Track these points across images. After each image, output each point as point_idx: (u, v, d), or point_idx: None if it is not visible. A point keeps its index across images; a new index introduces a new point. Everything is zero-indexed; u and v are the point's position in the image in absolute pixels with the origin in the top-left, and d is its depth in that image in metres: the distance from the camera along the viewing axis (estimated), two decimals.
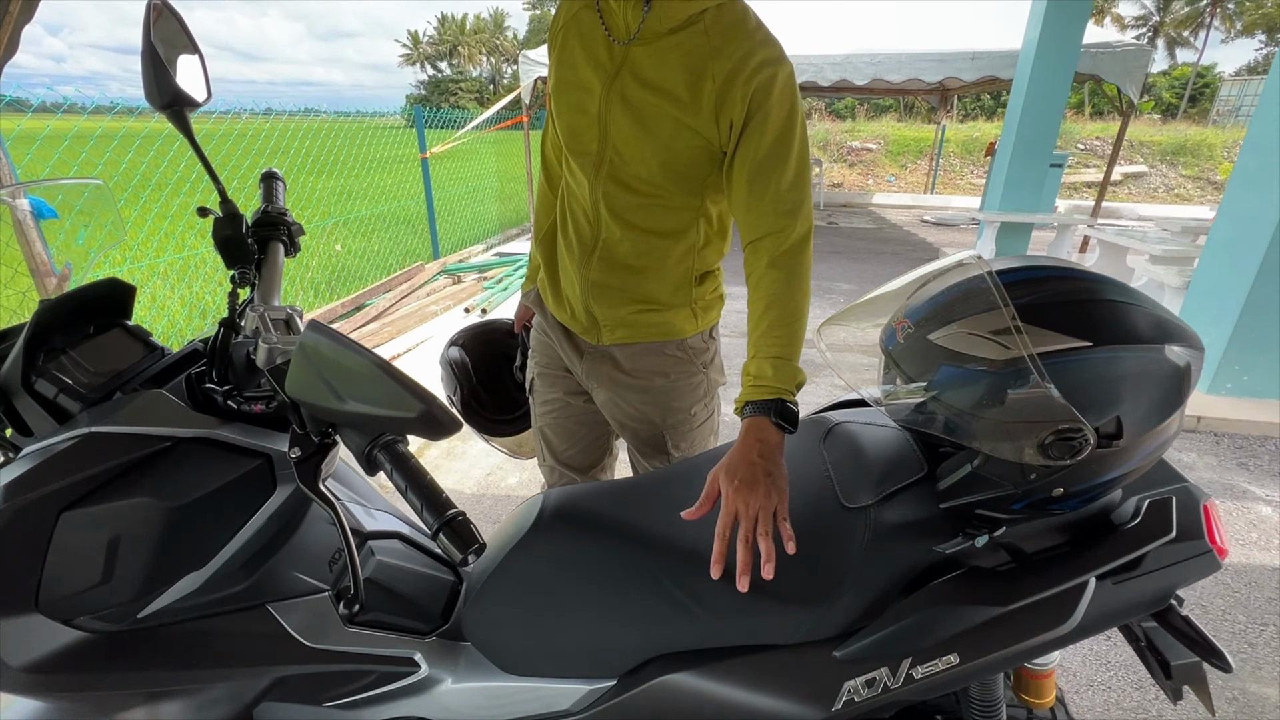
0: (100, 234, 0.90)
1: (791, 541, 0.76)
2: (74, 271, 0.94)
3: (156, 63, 0.81)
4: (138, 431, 0.73)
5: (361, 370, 0.57)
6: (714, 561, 0.77)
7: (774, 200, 0.96)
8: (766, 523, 0.77)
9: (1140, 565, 0.73)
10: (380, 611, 0.94)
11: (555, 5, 3.56)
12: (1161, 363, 0.64)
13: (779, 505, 0.79)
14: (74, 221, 0.88)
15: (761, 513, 0.78)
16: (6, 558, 0.70)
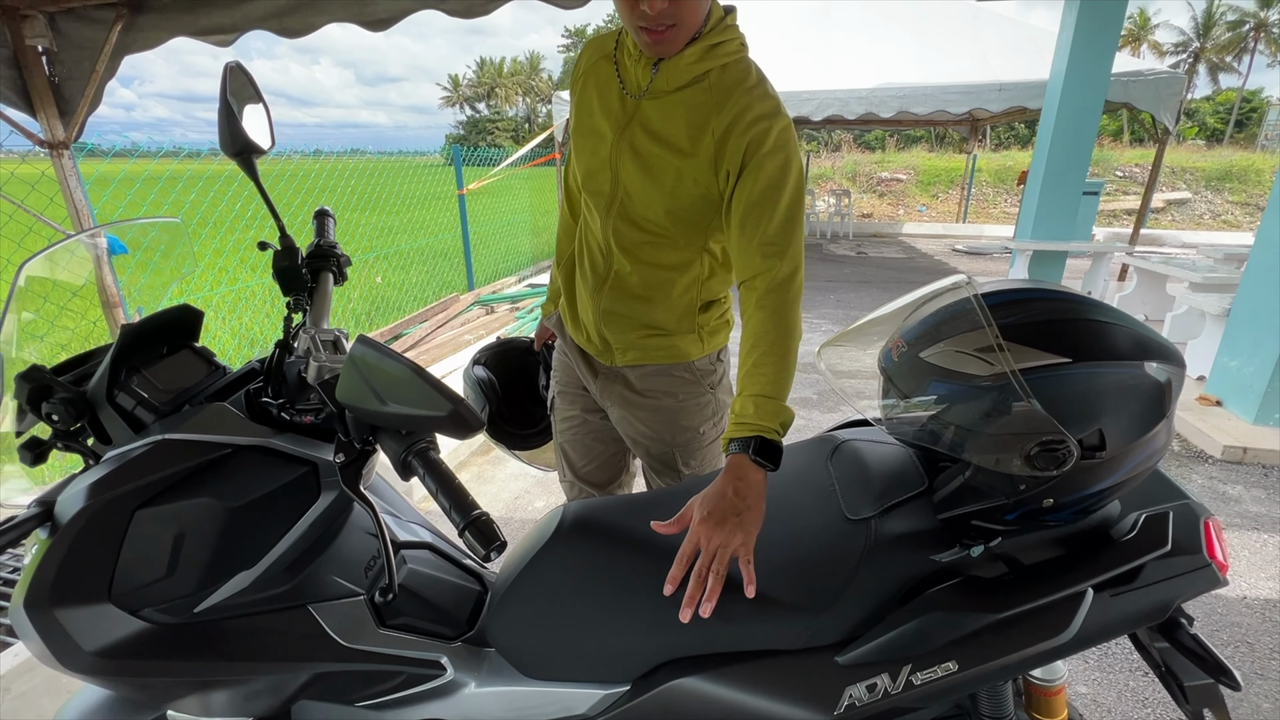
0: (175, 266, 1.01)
1: (752, 585, 0.78)
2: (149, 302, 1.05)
3: (230, 116, 0.92)
4: (203, 439, 0.82)
5: (401, 376, 0.65)
6: (668, 581, 0.81)
7: (762, 243, 0.99)
8: (722, 561, 0.79)
9: (1138, 578, 0.74)
10: (410, 616, 1.00)
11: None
12: (1141, 378, 0.68)
13: (742, 546, 0.81)
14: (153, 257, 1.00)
15: (721, 550, 0.80)
16: (87, 550, 0.79)
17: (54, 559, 0.78)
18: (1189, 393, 3.56)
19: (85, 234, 0.99)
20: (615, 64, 1.11)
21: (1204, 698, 0.83)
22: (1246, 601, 2.05)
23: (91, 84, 2.47)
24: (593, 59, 1.15)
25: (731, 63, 1.04)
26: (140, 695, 0.91)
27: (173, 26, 2.31)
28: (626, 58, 1.09)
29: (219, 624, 0.87)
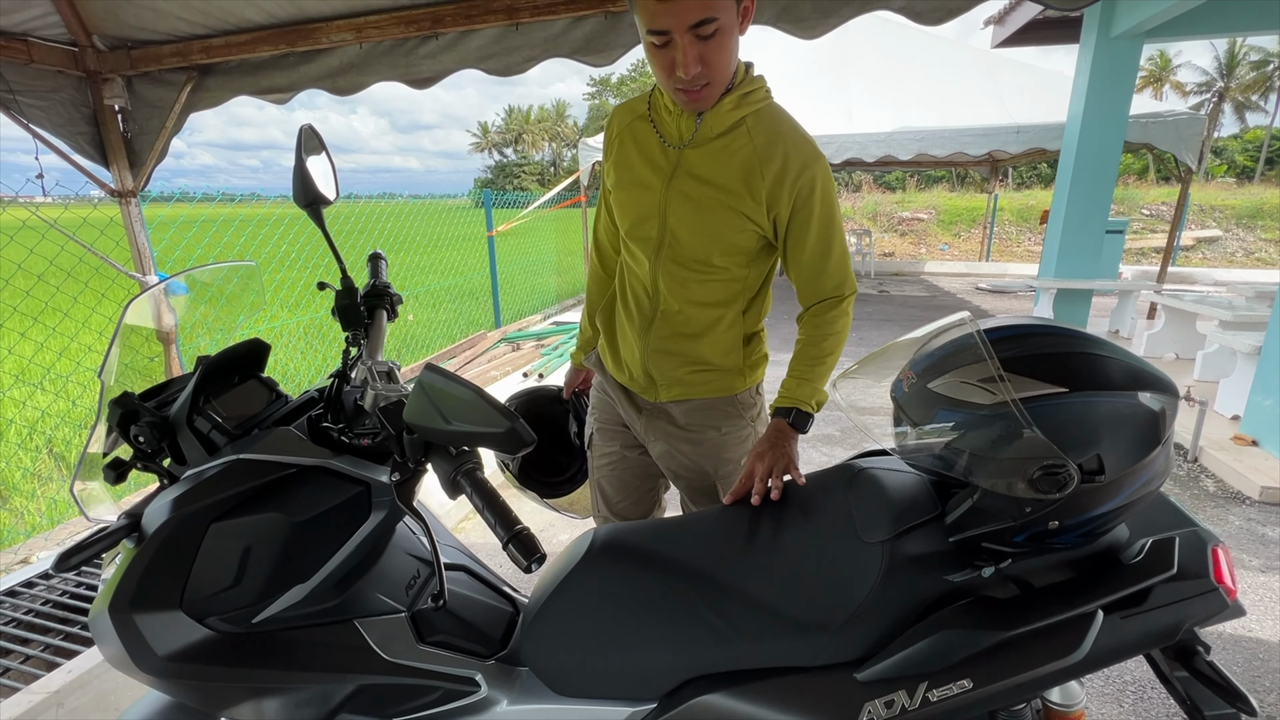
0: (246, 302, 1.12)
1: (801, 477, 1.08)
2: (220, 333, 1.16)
3: (303, 173, 1.04)
4: (272, 459, 0.90)
5: (464, 398, 0.73)
6: (730, 494, 1.10)
7: (825, 277, 1.21)
8: (777, 473, 1.08)
9: (1146, 600, 0.77)
10: (447, 633, 1.06)
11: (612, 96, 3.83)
12: (1135, 407, 0.72)
13: (789, 464, 1.10)
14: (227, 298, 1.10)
15: (774, 466, 1.09)
16: (168, 560, 0.87)
17: (139, 567, 0.86)
18: (1224, 432, 3.49)
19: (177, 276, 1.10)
20: (651, 122, 1.22)
21: None
22: None
23: (160, 139, 2.69)
24: (625, 121, 1.27)
25: (763, 108, 1.17)
26: (200, 701, 0.97)
27: (236, 87, 2.53)
28: (664, 114, 1.20)
29: (274, 635, 0.94)
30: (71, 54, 2.53)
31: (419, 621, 1.04)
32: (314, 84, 2.40)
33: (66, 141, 2.63)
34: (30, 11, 2.32)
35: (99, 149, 2.72)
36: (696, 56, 1.01)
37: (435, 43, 2.23)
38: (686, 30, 0.99)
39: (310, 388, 1.13)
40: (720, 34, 1.01)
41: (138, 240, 2.89)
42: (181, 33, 2.44)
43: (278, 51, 2.37)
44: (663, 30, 1.00)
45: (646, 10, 1.00)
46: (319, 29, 2.29)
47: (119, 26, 2.46)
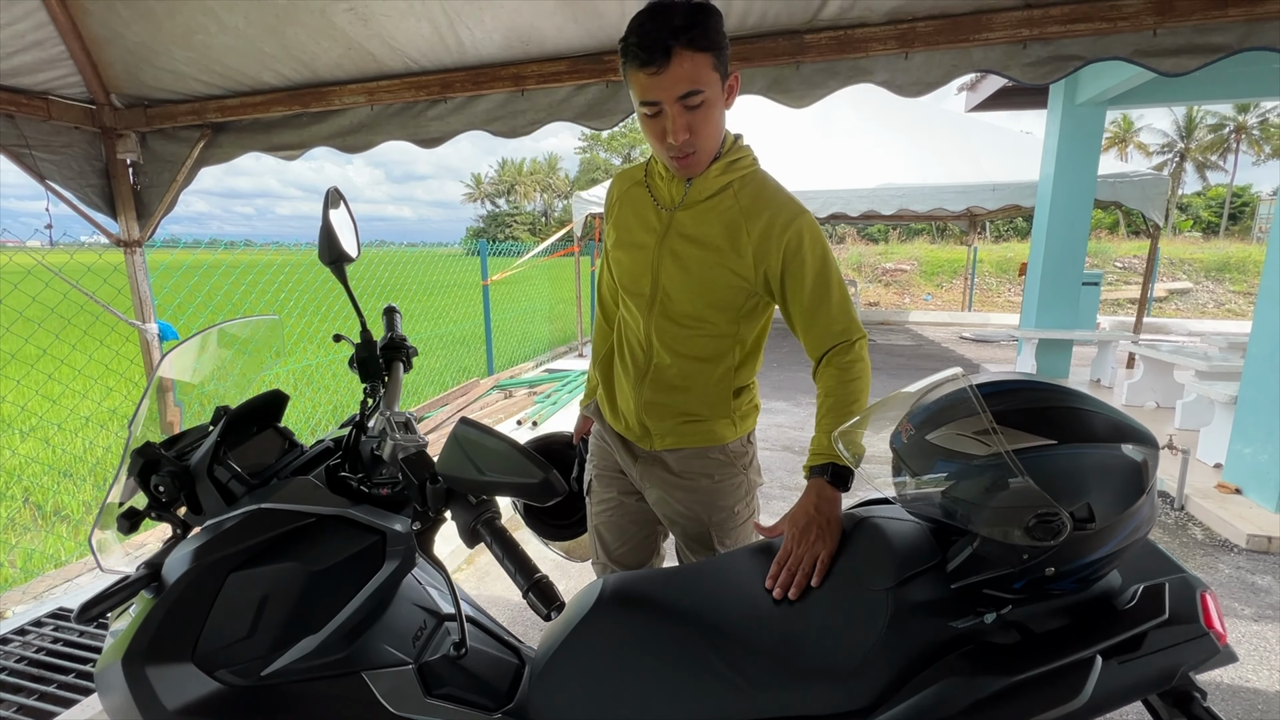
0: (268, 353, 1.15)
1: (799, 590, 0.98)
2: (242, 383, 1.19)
3: (330, 233, 1.09)
4: (292, 508, 0.92)
5: (499, 450, 0.76)
6: (770, 577, 1.01)
7: (826, 324, 1.21)
8: (808, 569, 1.00)
9: (1141, 646, 0.80)
10: (454, 686, 1.05)
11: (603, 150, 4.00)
12: (1119, 458, 0.77)
13: (824, 551, 1.01)
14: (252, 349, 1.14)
15: (808, 554, 1.01)
16: (185, 610, 0.88)
17: (156, 617, 0.87)
18: (1208, 480, 3.55)
19: (213, 327, 1.13)
20: (647, 187, 1.30)
21: None
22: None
23: (170, 191, 2.76)
24: (625, 187, 1.36)
25: (748, 174, 1.25)
26: None
27: (248, 144, 2.62)
28: (658, 180, 1.29)
29: (281, 688, 0.93)
30: (89, 111, 2.62)
31: (426, 673, 1.03)
32: (325, 142, 2.50)
33: (75, 194, 2.69)
34: (54, 71, 2.42)
35: (108, 201, 2.78)
36: (684, 125, 1.11)
37: (444, 106, 2.34)
38: (675, 101, 1.08)
39: (325, 436, 1.16)
40: (706, 105, 1.11)
41: (140, 289, 2.93)
42: (198, 93, 2.54)
43: (291, 112, 2.48)
44: (654, 101, 1.10)
45: (639, 84, 1.10)
46: (332, 91, 2.41)
47: (138, 86, 2.56)
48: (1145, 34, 1.77)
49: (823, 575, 0.98)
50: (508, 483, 0.77)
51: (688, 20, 1.03)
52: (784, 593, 0.98)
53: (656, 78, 1.06)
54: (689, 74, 1.05)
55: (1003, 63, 1.88)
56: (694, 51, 1.04)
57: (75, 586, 2.87)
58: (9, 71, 2.33)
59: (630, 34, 1.07)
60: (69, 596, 2.51)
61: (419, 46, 2.21)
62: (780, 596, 0.98)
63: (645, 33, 1.04)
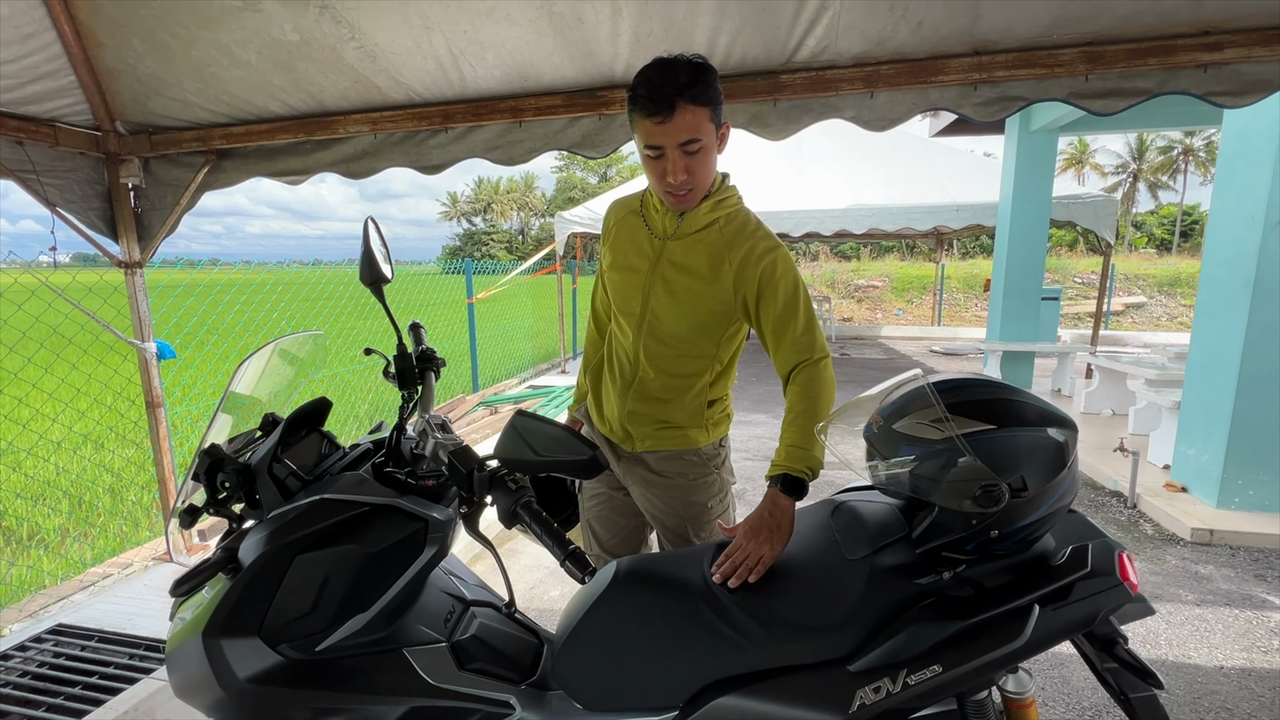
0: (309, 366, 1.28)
1: (739, 581, 1.10)
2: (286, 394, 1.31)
3: (370, 258, 1.23)
4: (350, 498, 1.05)
5: (553, 434, 0.90)
6: (716, 564, 1.13)
7: (792, 344, 1.35)
8: (753, 562, 1.12)
9: (1069, 595, 0.97)
10: (483, 661, 1.18)
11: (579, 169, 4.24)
12: (1046, 439, 0.95)
13: (769, 554, 1.13)
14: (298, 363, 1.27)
15: (752, 556, 1.13)
16: (256, 589, 1.00)
17: (234, 595, 0.99)
18: (1157, 480, 3.82)
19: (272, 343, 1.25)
20: (642, 217, 1.47)
21: (1149, 711, 1.02)
22: (1224, 671, 2.19)
23: (172, 215, 2.85)
24: (621, 215, 1.52)
25: (734, 211, 1.42)
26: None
27: (252, 169, 2.73)
28: (653, 212, 1.45)
29: (335, 661, 1.06)
30: (94, 138, 2.71)
31: (458, 650, 1.16)
32: (329, 168, 2.63)
33: (78, 216, 2.77)
34: (63, 100, 2.52)
35: (109, 223, 2.86)
36: (683, 168, 1.27)
37: (445, 135, 2.49)
38: (676, 147, 1.25)
39: (361, 440, 1.28)
40: (703, 151, 1.27)
41: (140, 308, 3.00)
42: (204, 120, 2.65)
43: (295, 139, 2.60)
44: (658, 146, 1.25)
45: (645, 130, 1.25)
46: (336, 121, 2.54)
47: (143, 114, 2.66)
48: (1079, 79, 2.01)
49: (760, 574, 1.11)
50: (562, 460, 0.91)
51: (690, 78, 1.20)
52: (724, 580, 1.11)
53: (661, 126, 1.22)
54: (690, 125, 1.22)
55: (956, 102, 2.11)
56: (695, 105, 1.21)
57: (71, 604, 2.89)
58: (20, 100, 2.42)
59: (640, 86, 1.23)
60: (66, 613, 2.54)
61: (423, 80, 2.36)
62: (720, 583, 1.11)
63: (654, 86, 1.20)
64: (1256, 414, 3.25)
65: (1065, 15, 1.92)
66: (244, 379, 1.16)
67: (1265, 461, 3.29)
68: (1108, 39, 1.96)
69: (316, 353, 1.29)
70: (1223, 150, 3.44)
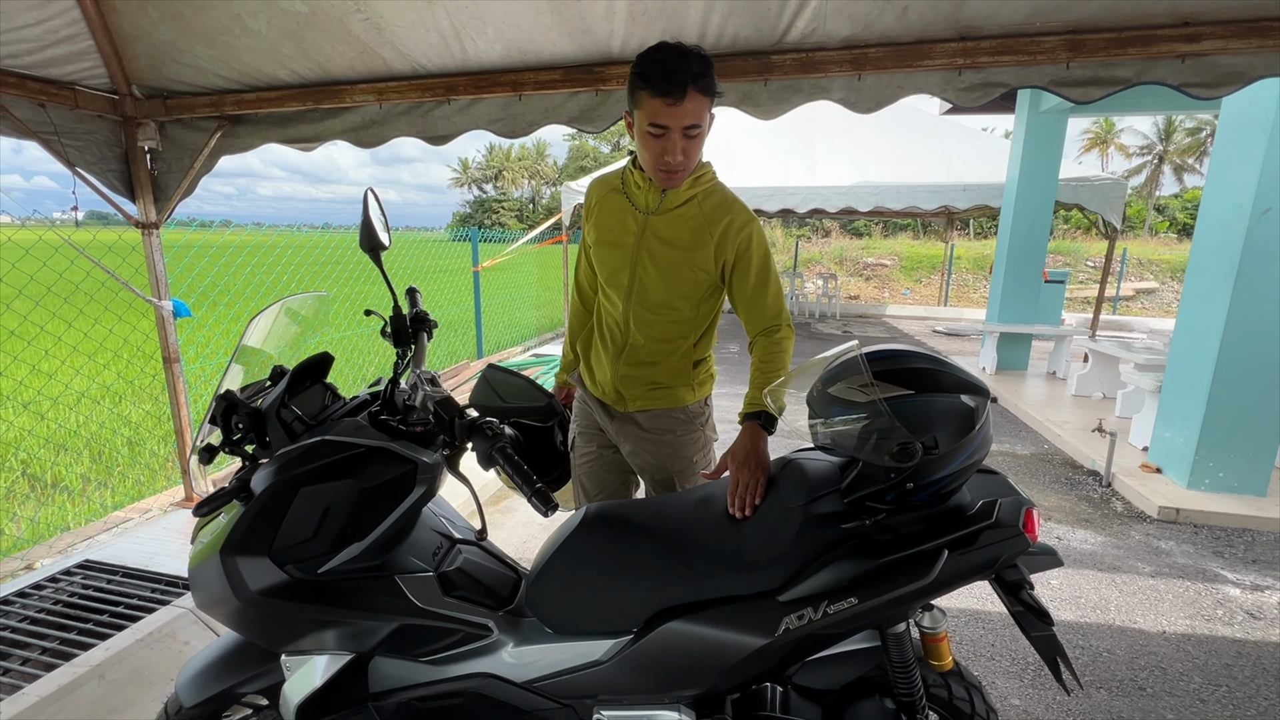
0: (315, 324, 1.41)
1: (752, 508, 1.26)
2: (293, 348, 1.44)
3: (369, 227, 1.35)
4: (348, 440, 1.19)
5: (516, 384, 1.04)
6: (733, 508, 1.27)
7: (762, 310, 1.52)
8: (754, 490, 1.28)
9: (975, 542, 1.10)
10: (466, 590, 1.34)
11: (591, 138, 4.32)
12: (957, 404, 1.07)
13: (760, 479, 1.30)
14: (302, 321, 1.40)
15: (752, 483, 1.29)
16: (266, 515, 1.15)
17: (247, 519, 1.14)
18: (1135, 461, 3.93)
19: (280, 301, 1.38)
20: (625, 194, 1.57)
21: (1047, 646, 1.16)
22: (1165, 636, 2.34)
23: (188, 178, 2.97)
24: (602, 193, 1.62)
25: (710, 187, 1.53)
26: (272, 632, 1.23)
27: (265, 135, 2.84)
28: (635, 188, 1.55)
29: (334, 582, 1.21)
30: (111, 101, 2.82)
31: (444, 580, 1.32)
32: (339, 136, 2.73)
33: (98, 177, 2.89)
34: (82, 64, 2.62)
35: (127, 185, 2.98)
36: (682, 149, 1.38)
37: (449, 107, 2.58)
38: (680, 129, 1.35)
39: (360, 392, 1.42)
40: (699, 135, 1.39)
41: (156, 267, 3.14)
42: (216, 86, 2.75)
43: (304, 107, 2.70)
44: (664, 125, 1.35)
45: (653, 109, 1.34)
46: (343, 90, 2.63)
47: (159, 79, 2.76)
48: (1060, 66, 2.07)
49: (761, 496, 1.28)
50: (523, 406, 1.05)
51: (702, 68, 1.31)
52: (742, 513, 1.27)
53: (671, 108, 1.32)
54: (694, 110, 1.33)
55: (941, 86, 2.17)
56: (702, 94, 1.32)
57: (96, 543, 3.10)
58: (41, 63, 2.53)
59: (654, 67, 1.31)
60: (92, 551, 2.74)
61: (426, 53, 2.45)
62: (740, 516, 1.26)
63: (669, 70, 1.29)
64: (1231, 398, 3.34)
65: (1048, 3, 1.97)
66: (254, 333, 1.29)
67: (1236, 444, 3.39)
68: (1089, 28, 2.01)
69: (321, 312, 1.42)
70: (1219, 136, 3.47)
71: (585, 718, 1.27)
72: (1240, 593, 2.63)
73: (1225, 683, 2.08)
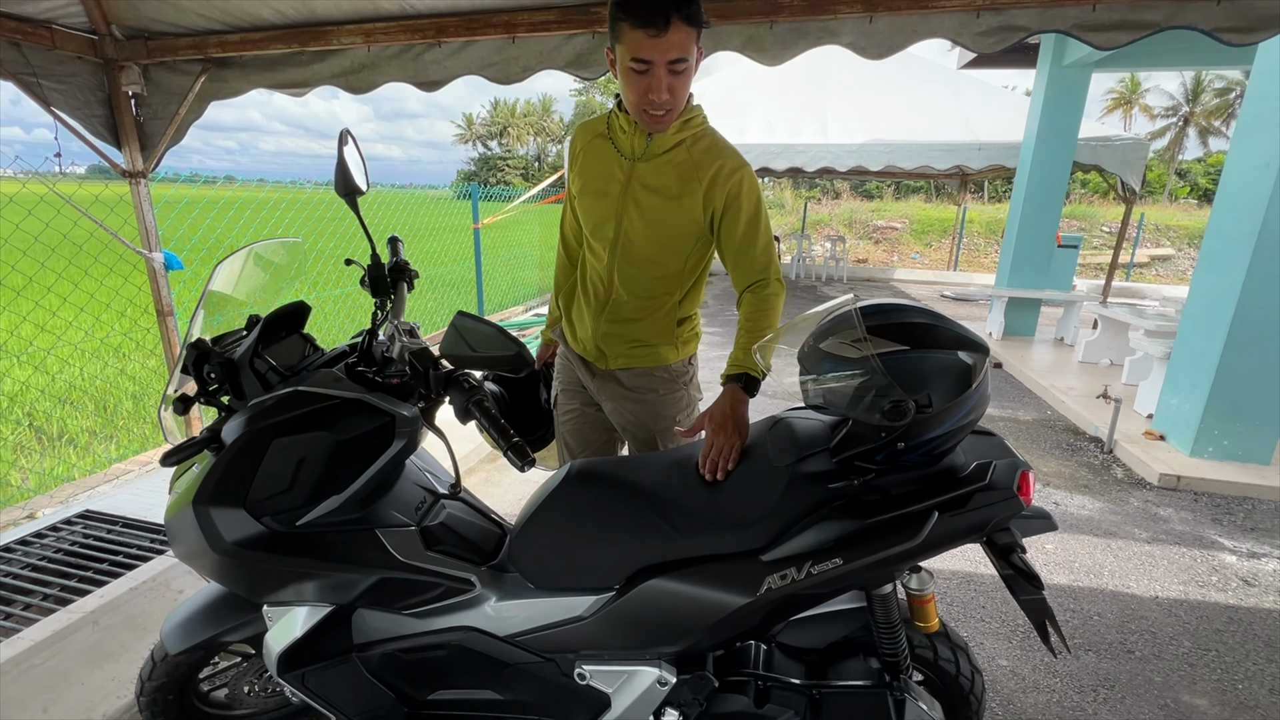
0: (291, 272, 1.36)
1: (724, 472, 1.22)
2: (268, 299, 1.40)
3: (344, 169, 1.29)
4: (322, 391, 1.16)
5: (485, 331, 0.99)
6: (705, 470, 1.24)
7: (751, 262, 1.43)
8: (727, 455, 1.24)
9: (967, 504, 1.07)
10: (449, 545, 1.32)
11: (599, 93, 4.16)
12: (955, 361, 1.02)
13: (736, 445, 1.25)
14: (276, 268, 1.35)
15: (726, 447, 1.24)
16: (238, 466, 1.12)
17: (219, 470, 1.11)
18: (1139, 428, 3.89)
19: (248, 246, 1.33)
20: (610, 140, 1.48)
21: (1036, 610, 1.14)
22: (1157, 600, 2.34)
23: (173, 124, 2.88)
24: (587, 139, 1.53)
25: (700, 131, 1.44)
26: (251, 583, 1.22)
27: (253, 80, 2.73)
28: (620, 133, 1.46)
29: (313, 535, 1.19)
30: (90, 41, 2.71)
31: (426, 535, 1.30)
32: (329, 81, 2.62)
33: (82, 123, 2.80)
34: (58, 0, 2.50)
35: (112, 131, 2.89)
36: (667, 86, 1.28)
37: (440, 50, 2.47)
38: (665, 65, 1.25)
39: (341, 344, 1.38)
40: (685, 72, 1.29)
41: (146, 218, 3.07)
42: (198, 27, 2.63)
43: (290, 50, 2.58)
44: (646, 60, 1.25)
45: (635, 42, 1.23)
46: (329, 31, 2.51)
47: (137, 18, 2.64)
48: (1086, 9, 1.94)
49: (735, 461, 1.24)
50: (493, 355, 1.00)
51: None
52: (713, 476, 1.24)
53: (654, 40, 1.21)
54: (679, 43, 1.22)
55: (957, 30, 2.04)
56: (687, 25, 1.21)
57: (97, 493, 3.14)
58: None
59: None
60: (93, 501, 2.76)
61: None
62: (711, 479, 1.23)
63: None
64: (1241, 366, 3.27)
65: None
66: (221, 278, 1.25)
67: (1243, 413, 3.34)
68: None
69: (295, 260, 1.37)
70: (1249, 90, 3.30)
71: (567, 671, 1.27)
72: (1236, 560, 2.62)
73: (1215, 647, 2.08)
